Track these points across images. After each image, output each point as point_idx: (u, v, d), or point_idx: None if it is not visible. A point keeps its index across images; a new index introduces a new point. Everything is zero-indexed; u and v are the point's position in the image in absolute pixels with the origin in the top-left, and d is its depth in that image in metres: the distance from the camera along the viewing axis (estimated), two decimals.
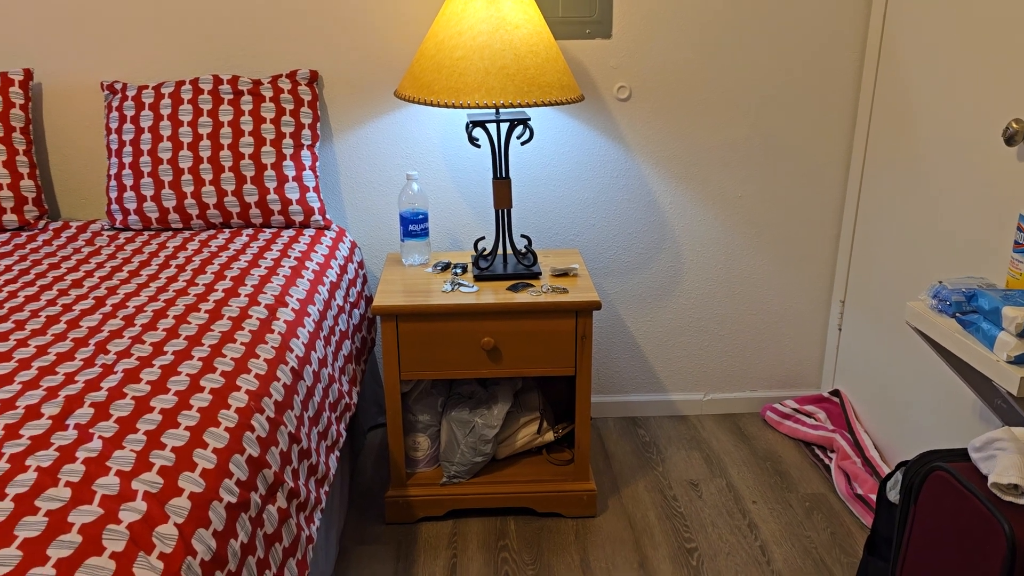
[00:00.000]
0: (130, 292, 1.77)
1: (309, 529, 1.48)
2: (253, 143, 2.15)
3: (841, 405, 2.50)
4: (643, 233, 2.49)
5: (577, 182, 2.43)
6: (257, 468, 1.30)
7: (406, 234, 2.19)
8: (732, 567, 1.99)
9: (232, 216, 2.18)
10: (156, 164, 2.15)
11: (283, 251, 2.03)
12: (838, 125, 2.41)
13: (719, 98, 2.37)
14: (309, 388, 1.64)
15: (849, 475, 2.26)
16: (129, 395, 1.32)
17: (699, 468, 2.39)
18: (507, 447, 2.21)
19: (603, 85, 2.35)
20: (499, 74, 1.88)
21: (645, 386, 2.66)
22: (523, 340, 2.01)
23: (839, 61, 2.35)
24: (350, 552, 2.05)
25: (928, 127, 2.04)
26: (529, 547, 2.07)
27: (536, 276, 2.12)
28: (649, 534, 2.11)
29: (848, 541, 2.07)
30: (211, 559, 1.09)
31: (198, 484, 1.15)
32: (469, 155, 2.40)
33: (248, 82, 2.19)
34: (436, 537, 2.10)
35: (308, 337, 1.72)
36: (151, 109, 2.17)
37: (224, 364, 1.45)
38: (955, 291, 1.54)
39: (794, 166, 2.44)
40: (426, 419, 2.17)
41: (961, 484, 1.20)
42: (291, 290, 1.82)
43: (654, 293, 2.56)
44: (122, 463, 1.14)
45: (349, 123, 2.36)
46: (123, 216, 2.18)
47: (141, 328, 1.58)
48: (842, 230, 2.49)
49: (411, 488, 2.14)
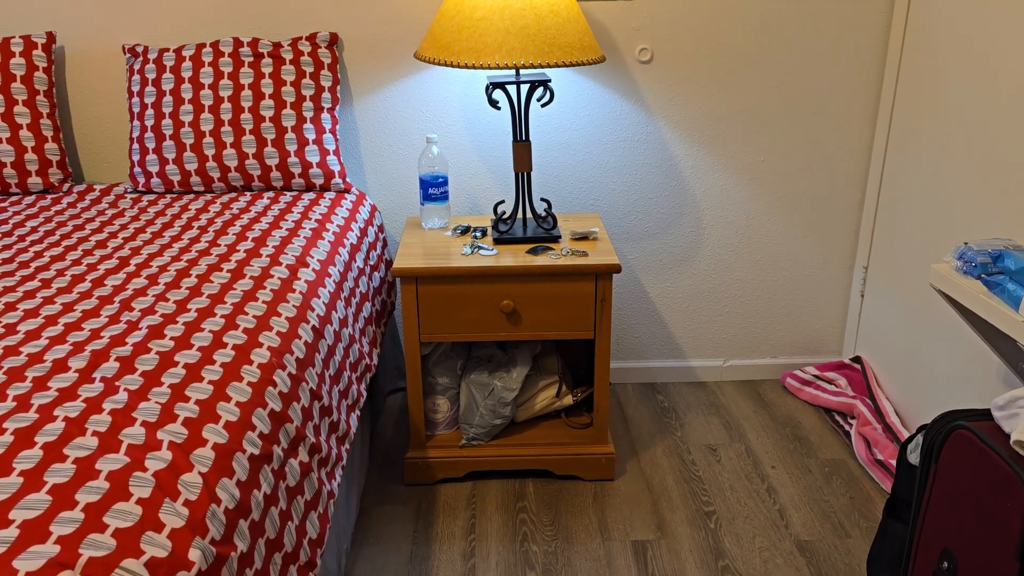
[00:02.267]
0: (153, 252, 1.78)
1: (331, 484, 1.50)
2: (273, 106, 2.15)
3: (863, 372, 2.49)
4: (663, 198, 2.48)
5: (597, 146, 2.42)
6: (280, 422, 1.32)
7: (426, 197, 2.19)
8: (750, 530, 1.99)
9: (253, 179, 2.19)
10: (178, 127, 2.15)
11: (304, 214, 2.04)
12: (864, 87, 2.37)
13: (742, 61, 2.34)
14: (330, 347, 1.65)
15: (869, 441, 2.25)
16: (154, 350, 1.34)
17: (718, 433, 2.39)
18: (526, 410, 2.22)
19: (624, 47, 2.32)
20: (520, 34, 1.87)
21: (665, 352, 2.66)
22: (542, 303, 2.02)
23: (866, 22, 2.30)
24: (370, 511, 2.08)
25: (954, 89, 2.00)
26: (547, 508, 2.08)
27: (556, 240, 2.12)
28: (667, 497, 2.12)
29: (868, 506, 2.07)
30: (235, 508, 1.11)
31: (222, 435, 1.17)
32: (489, 118, 2.39)
33: (268, 44, 2.19)
34: (455, 498, 2.13)
35: (329, 297, 1.73)
36: (172, 72, 2.17)
37: (246, 322, 1.46)
38: (981, 252, 1.52)
39: (818, 130, 2.41)
40: (445, 382, 2.18)
41: (983, 442, 1.20)
42: (312, 251, 1.83)
43: (674, 258, 2.55)
44: (147, 414, 1.16)
45: (369, 86, 2.35)
46: (146, 179, 2.20)
47: (164, 287, 1.59)
48: (866, 195, 2.46)
49: (430, 450, 2.16)
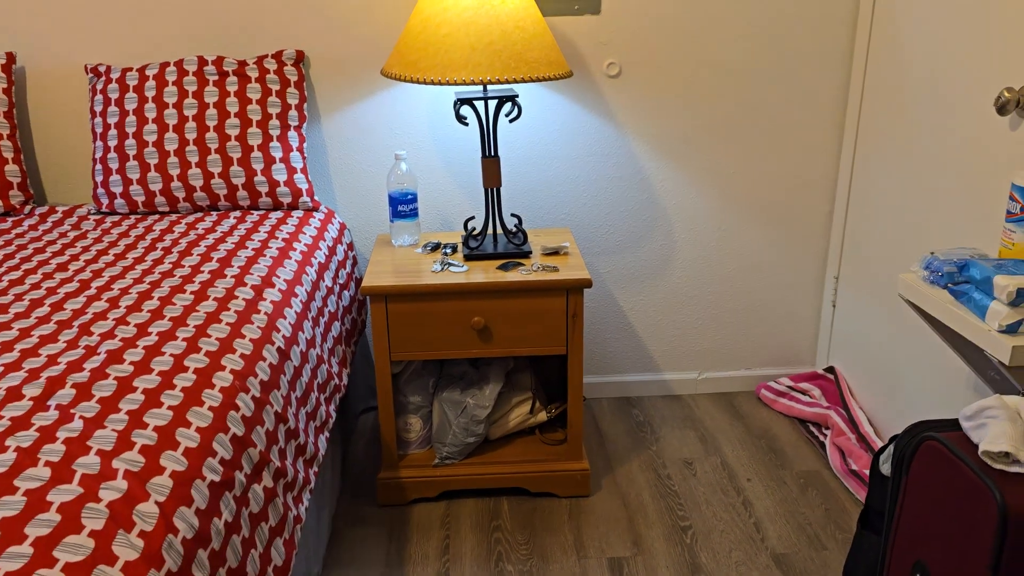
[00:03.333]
0: (115, 274, 1.75)
1: (297, 509, 1.47)
2: (239, 124, 2.13)
3: (836, 382, 2.49)
4: (635, 211, 2.47)
5: (567, 160, 2.41)
6: (242, 447, 1.29)
7: (395, 215, 2.17)
8: (726, 544, 1.98)
9: (219, 198, 2.16)
10: (141, 147, 2.12)
11: (270, 233, 2.01)
12: (830, 100, 2.38)
13: (710, 74, 2.35)
14: (297, 368, 1.62)
15: (844, 451, 2.25)
16: (112, 376, 1.30)
17: (693, 447, 2.38)
18: (500, 428, 2.20)
19: (592, 62, 2.32)
20: (486, 50, 1.86)
21: (639, 365, 2.65)
22: (514, 319, 2.00)
23: (831, 35, 2.32)
24: (342, 534, 2.04)
25: (920, 99, 2.02)
26: (522, 527, 2.06)
27: (526, 255, 2.10)
28: (643, 513, 2.10)
29: (843, 517, 2.06)
30: (193, 537, 1.08)
31: (180, 463, 1.14)
32: (458, 134, 2.38)
33: (233, 63, 2.17)
34: (429, 518, 2.10)
35: (295, 318, 1.70)
36: (135, 91, 2.14)
37: (209, 344, 1.43)
38: (947, 262, 1.53)
39: (786, 142, 2.42)
40: (417, 400, 2.15)
41: (952, 453, 1.19)
42: (278, 271, 1.80)
43: (646, 272, 2.54)
44: (103, 443, 1.13)
45: (336, 103, 2.33)
46: (109, 200, 2.16)
47: (126, 310, 1.56)
48: (835, 206, 2.47)
49: (403, 470, 2.13)
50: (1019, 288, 1.32)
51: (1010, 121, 1.70)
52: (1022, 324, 1.34)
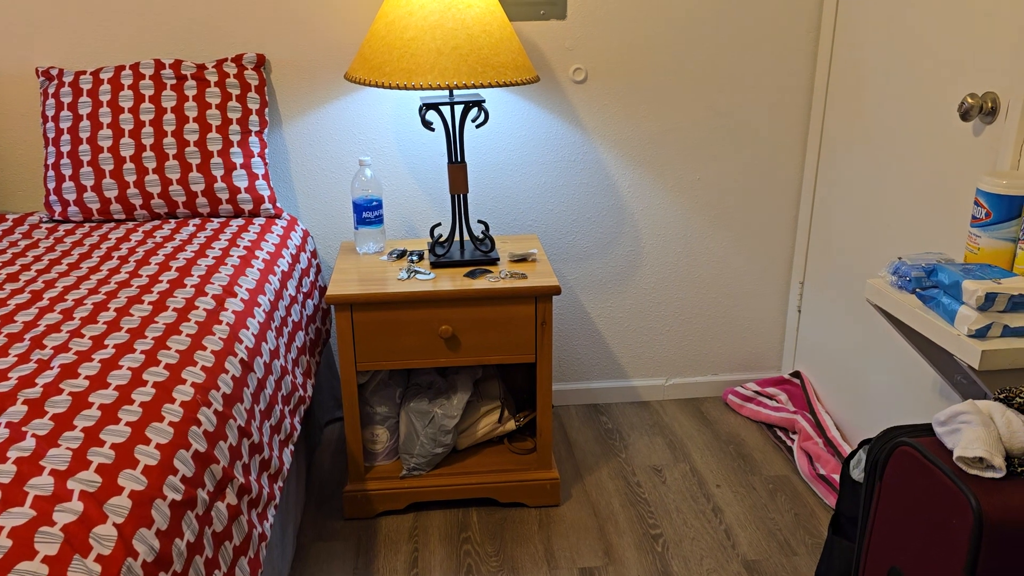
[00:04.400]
0: (69, 285, 1.68)
1: (262, 526, 1.42)
2: (198, 130, 2.08)
3: (802, 386, 2.51)
4: (602, 218, 2.46)
5: (534, 166, 2.39)
6: (204, 464, 1.24)
7: (360, 221, 2.13)
8: (697, 552, 1.97)
9: (178, 206, 2.10)
10: (96, 153, 2.06)
11: (231, 241, 1.96)
12: (795, 106, 2.40)
13: (675, 80, 2.35)
14: (260, 380, 1.58)
15: (811, 456, 2.26)
16: (66, 391, 1.25)
17: (662, 454, 2.37)
18: (468, 437, 2.17)
19: (559, 67, 2.31)
20: (452, 54, 1.83)
21: (607, 372, 2.64)
22: (482, 327, 1.97)
23: (795, 43, 2.34)
24: (308, 549, 1.99)
25: (884, 105, 2.04)
26: (492, 538, 2.03)
27: (494, 262, 2.08)
28: (613, 521, 2.08)
29: (812, 522, 2.06)
30: (154, 560, 1.03)
31: (140, 482, 1.09)
32: (424, 140, 2.35)
33: (192, 67, 2.11)
34: (397, 531, 2.06)
35: (258, 328, 1.65)
36: (89, 95, 2.08)
37: (168, 357, 1.38)
38: (915, 267, 1.53)
39: (751, 148, 2.43)
40: (384, 411, 2.11)
41: (927, 459, 1.19)
42: (240, 280, 1.75)
43: (614, 278, 2.53)
44: (57, 462, 1.08)
45: (299, 108, 2.29)
46: (62, 207, 2.09)
47: (80, 321, 1.50)
48: (800, 211, 2.49)
49: (370, 482, 2.09)
50: (988, 292, 1.33)
51: (973, 127, 1.71)
52: (991, 328, 1.35)
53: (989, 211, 1.51)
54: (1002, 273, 1.39)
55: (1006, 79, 1.62)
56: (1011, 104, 1.59)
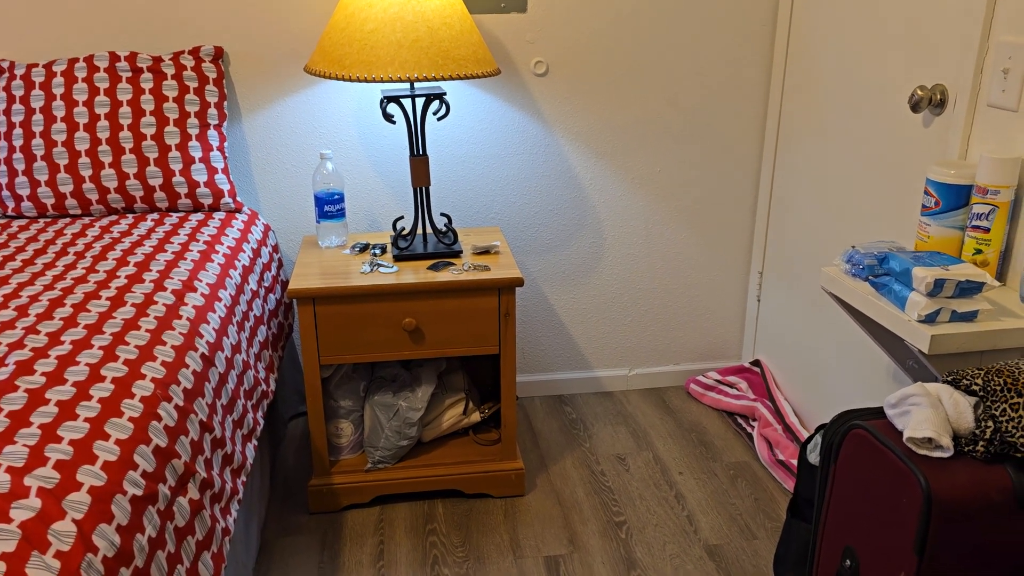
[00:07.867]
0: (24, 281, 1.66)
1: (225, 521, 1.42)
2: (155, 123, 2.05)
3: (762, 374, 2.55)
4: (564, 209, 2.48)
5: (496, 159, 2.40)
6: (166, 459, 1.24)
7: (321, 215, 2.12)
8: (660, 538, 2.00)
9: (135, 200, 2.07)
10: (50, 147, 2.02)
11: (191, 235, 1.94)
12: (752, 98, 2.43)
13: (635, 73, 2.37)
14: (222, 375, 1.57)
15: (771, 442, 2.30)
16: (22, 388, 1.23)
17: (626, 442, 2.40)
18: (433, 429, 2.18)
19: (520, 60, 2.31)
20: (412, 47, 1.83)
21: (570, 363, 2.66)
22: (446, 320, 1.98)
23: (752, 37, 2.37)
24: (272, 544, 1.99)
25: (838, 97, 2.08)
26: (458, 529, 2.04)
27: (457, 255, 2.08)
28: (578, 510, 2.11)
29: (772, 506, 2.10)
30: (115, 555, 1.02)
31: (99, 477, 1.08)
32: (385, 132, 2.34)
33: (148, 59, 2.08)
34: (362, 524, 2.06)
35: (219, 323, 1.64)
36: (42, 88, 2.04)
37: (127, 352, 1.37)
38: (867, 255, 1.57)
39: (710, 140, 2.46)
40: (348, 404, 2.11)
41: (878, 440, 1.22)
42: (200, 275, 1.74)
43: (577, 270, 2.55)
44: (13, 459, 1.06)
45: (258, 101, 2.27)
46: (15, 203, 2.05)
47: (35, 318, 1.48)
48: (758, 202, 2.53)
49: (335, 476, 2.09)
50: (936, 279, 1.37)
51: (923, 118, 1.76)
52: (940, 314, 1.38)
53: (938, 200, 1.55)
54: (950, 260, 1.43)
55: (954, 71, 1.66)
56: (959, 96, 1.63)
